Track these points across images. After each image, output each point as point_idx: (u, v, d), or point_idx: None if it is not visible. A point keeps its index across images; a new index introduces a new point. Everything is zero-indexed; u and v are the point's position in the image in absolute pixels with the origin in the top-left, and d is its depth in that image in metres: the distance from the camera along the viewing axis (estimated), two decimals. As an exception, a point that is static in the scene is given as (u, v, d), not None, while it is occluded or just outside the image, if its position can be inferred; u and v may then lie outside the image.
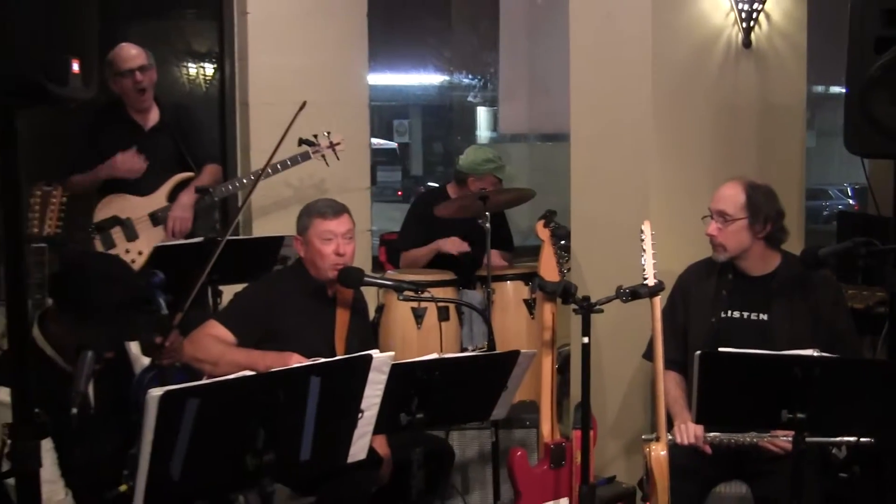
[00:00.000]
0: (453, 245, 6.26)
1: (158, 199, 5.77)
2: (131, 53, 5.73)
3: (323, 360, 3.47)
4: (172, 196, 5.78)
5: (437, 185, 8.62)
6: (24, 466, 2.53)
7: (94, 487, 3.48)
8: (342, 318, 4.72)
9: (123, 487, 3.35)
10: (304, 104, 5.64)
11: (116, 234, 5.64)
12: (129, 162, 5.71)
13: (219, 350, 4.37)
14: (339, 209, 4.65)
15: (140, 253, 5.63)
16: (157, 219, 5.72)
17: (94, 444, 3.60)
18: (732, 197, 4.49)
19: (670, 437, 4.27)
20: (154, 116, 5.91)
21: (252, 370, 4.24)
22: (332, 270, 4.59)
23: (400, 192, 12.67)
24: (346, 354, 4.39)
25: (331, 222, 4.59)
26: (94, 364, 3.47)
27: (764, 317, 4.54)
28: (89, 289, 3.59)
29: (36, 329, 3.58)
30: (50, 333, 3.62)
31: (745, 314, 4.57)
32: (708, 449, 4.29)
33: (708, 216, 4.54)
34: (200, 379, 4.23)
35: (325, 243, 4.58)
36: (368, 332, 5.09)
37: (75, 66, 2.42)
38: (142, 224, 5.70)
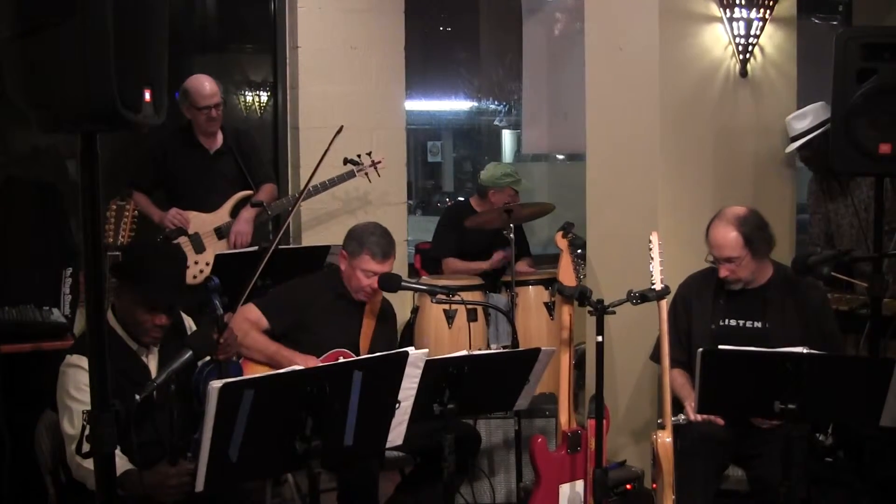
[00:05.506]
0: (498, 257, 6.30)
1: (222, 215, 5.80)
2: (211, 90, 5.72)
3: (366, 356, 3.48)
4: (234, 212, 5.81)
5: (462, 198, 8.65)
6: (101, 449, 2.56)
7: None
8: (368, 323, 4.72)
9: (187, 468, 3.38)
10: (341, 128, 5.71)
11: (185, 246, 5.65)
12: (178, 218, 5.72)
13: (249, 334, 4.46)
14: (388, 253, 4.64)
15: (207, 264, 5.64)
16: (221, 233, 5.75)
17: (157, 427, 3.66)
18: (731, 242, 4.37)
19: (683, 417, 4.27)
20: (218, 141, 5.92)
21: (272, 359, 4.37)
22: (359, 294, 4.63)
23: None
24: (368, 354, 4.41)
25: (377, 265, 4.59)
26: (187, 363, 3.52)
27: (759, 324, 4.48)
28: (144, 261, 3.75)
29: (109, 314, 3.68)
30: (117, 312, 3.73)
31: (742, 322, 4.51)
32: (720, 420, 4.26)
33: (712, 261, 4.47)
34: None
35: (365, 277, 4.59)
36: (394, 338, 5.09)
37: (147, 96, 2.45)
38: (208, 238, 5.73)
